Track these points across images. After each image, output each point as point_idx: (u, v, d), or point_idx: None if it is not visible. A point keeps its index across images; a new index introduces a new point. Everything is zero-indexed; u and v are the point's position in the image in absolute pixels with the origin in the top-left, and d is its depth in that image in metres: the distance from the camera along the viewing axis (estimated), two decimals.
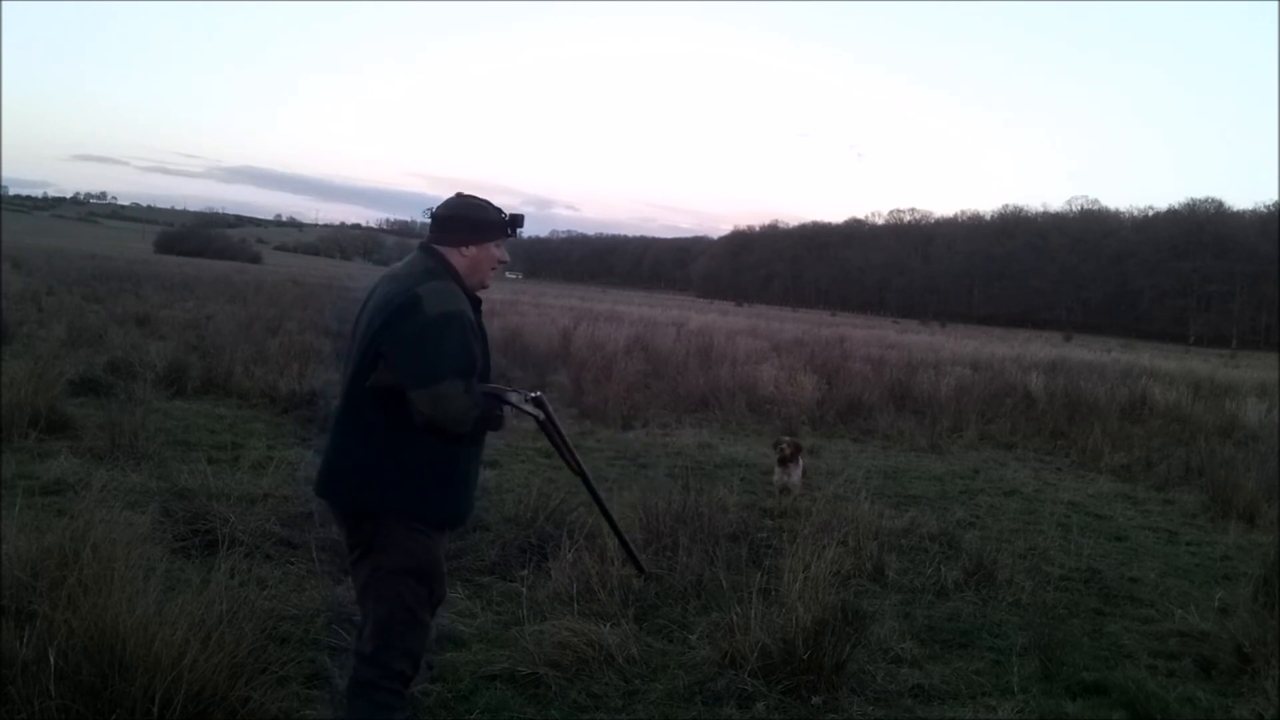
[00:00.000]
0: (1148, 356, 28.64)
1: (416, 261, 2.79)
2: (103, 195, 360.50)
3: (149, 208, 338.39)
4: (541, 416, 2.82)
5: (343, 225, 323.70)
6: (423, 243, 2.85)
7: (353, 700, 2.75)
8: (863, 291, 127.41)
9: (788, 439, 7.27)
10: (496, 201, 2.92)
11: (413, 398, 2.57)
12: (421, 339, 2.57)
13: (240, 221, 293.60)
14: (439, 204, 2.87)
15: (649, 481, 6.53)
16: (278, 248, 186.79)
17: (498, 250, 2.85)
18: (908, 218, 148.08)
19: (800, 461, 7.08)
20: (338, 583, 4.44)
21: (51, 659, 2.82)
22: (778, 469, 7.00)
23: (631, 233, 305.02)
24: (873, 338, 29.51)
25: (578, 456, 2.94)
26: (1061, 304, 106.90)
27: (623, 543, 3.21)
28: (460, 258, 2.80)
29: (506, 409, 2.76)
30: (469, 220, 2.80)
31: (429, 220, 2.86)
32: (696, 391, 12.18)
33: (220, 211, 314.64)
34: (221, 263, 71.76)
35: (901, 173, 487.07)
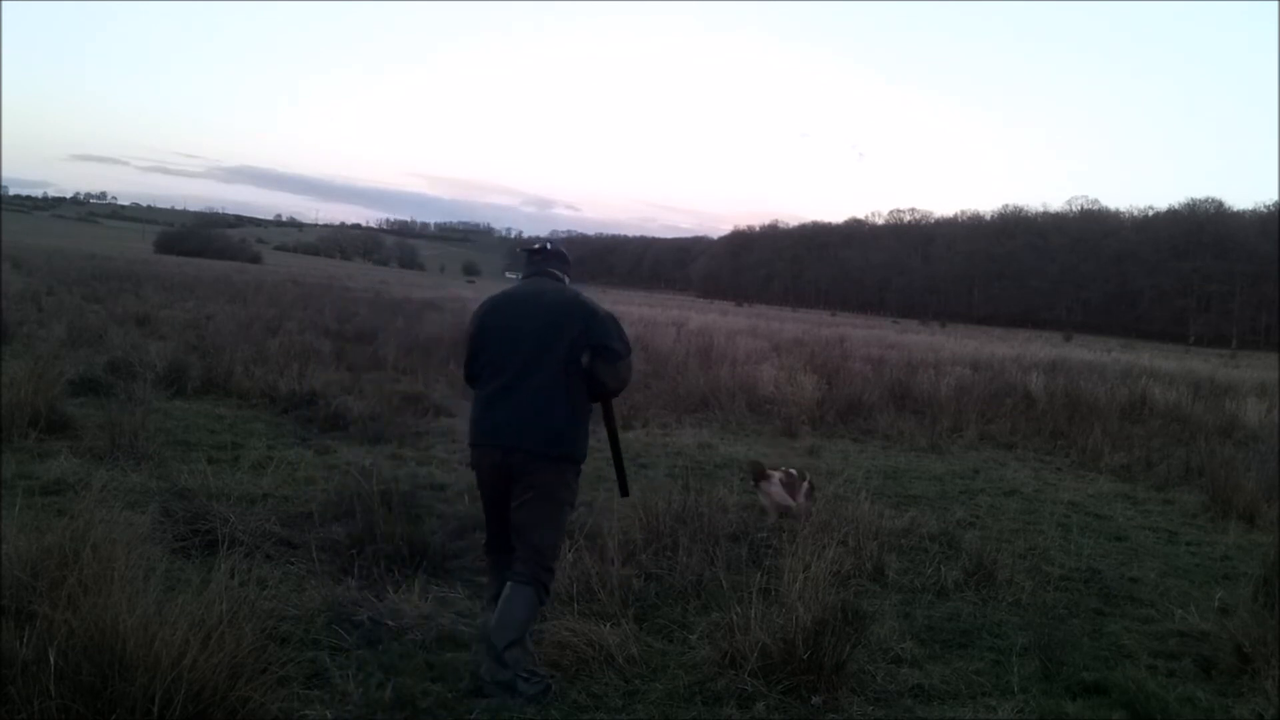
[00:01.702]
0: (1148, 356, 28.62)
1: (554, 282, 3.88)
2: (103, 195, 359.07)
3: (149, 208, 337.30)
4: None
5: (343, 225, 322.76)
6: (544, 268, 3.92)
7: (521, 595, 3.57)
8: (863, 291, 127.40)
9: (787, 468, 6.45)
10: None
11: (619, 367, 3.68)
12: (610, 327, 3.69)
13: (240, 221, 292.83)
14: (551, 242, 4.07)
15: (649, 481, 6.53)
16: (278, 248, 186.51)
17: None
18: (908, 218, 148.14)
19: (808, 482, 6.33)
20: (338, 583, 4.45)
21: (51, 659, 2.82)
22: (760, 490, 6.27)
23: (631, 233, 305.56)
24: (873, 338, 29.52)
25: (619, 437, 4.07)
26: (1061, 304, 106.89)
27: (619, 468, 4.08)
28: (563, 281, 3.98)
29: None
30: (570, 263, 4.05)
31: (540, 251, 3.96)
32: (696, 391, 12.18)
33: (220, 211, 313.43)
34: (221, 263, 71.68)
35: (901, 173, 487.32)
